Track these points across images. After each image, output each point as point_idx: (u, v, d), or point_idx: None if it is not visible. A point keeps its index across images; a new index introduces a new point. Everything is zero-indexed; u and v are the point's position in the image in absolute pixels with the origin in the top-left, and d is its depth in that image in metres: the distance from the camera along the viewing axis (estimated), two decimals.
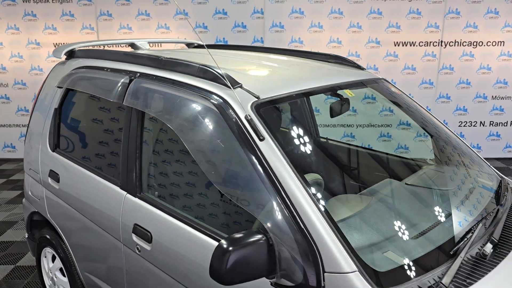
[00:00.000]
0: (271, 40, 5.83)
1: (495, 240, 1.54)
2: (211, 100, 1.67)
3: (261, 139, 1.52)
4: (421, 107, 2.47)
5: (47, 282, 2.93)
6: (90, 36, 5.87)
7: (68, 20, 5.84)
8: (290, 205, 1.39)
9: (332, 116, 2.26)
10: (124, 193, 2.05)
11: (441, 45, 5.89)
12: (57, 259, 2.73)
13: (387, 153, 2.67)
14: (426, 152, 2.46)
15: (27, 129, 2.87)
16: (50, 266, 2.84)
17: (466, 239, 1.50)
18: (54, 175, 2.54)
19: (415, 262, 1.40)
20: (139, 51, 2.56)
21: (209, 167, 1.57)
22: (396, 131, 5.53)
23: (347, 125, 5.74)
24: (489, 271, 1.40)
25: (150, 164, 2.08)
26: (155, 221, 1.86)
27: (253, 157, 1.50)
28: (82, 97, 2.51)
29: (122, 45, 5.29)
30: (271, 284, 1.42)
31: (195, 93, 1.74)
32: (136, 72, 2.07)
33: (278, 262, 1.36)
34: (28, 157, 2.84)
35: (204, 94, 1.71)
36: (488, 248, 1.50)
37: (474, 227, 1.58)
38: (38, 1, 5.79)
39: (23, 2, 5.80)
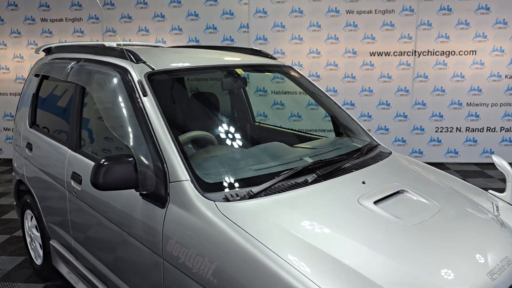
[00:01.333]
0: None
1: (319, 174, 2.00)
2: (118, 71, 2.25)
3: (145, 95, 2.08)
4: (321, 90, 2.95)
5: (28, 240, 3.54)
6: None
7: (79, 36, 6.66)
8: (153, 138, 1.93)
9: (223, 89, 2.80)
10: (69, 150, 2.64)
11: (415, 55, 6.30)
12: (33, 218, 3.34)
13: (303, 132, 3.16)
14: (325, 123, 2.92)
15: (15, 115, 3.54)
16: (29, 225, 3.45)
17: (292, 170, 1.97)
18: (29, 146, 3.17)
19: (241, 180, 1.90)
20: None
21: (107, 115, 2.14)
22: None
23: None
24: (294, 189, 1.87)
25: (86, 126, 2.67)
26: (83, 166, 2.43)
27: (137, 107, 2.05)
28: (51, 83, 3.15)
29: None
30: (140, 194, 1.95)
31: (111, 68, 2.33)
32: (82, 58, 2.69)
33: (140, 177, 1.88)
34: (15, 136, 3.50)
35: (117, 68, 2.29)
36: (310, 178, 1.96)
37: (307, 166, 2.05)
38: (54, 20, 6.65)
39: (41, 21, 6.67)
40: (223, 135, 2.52)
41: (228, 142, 2.47)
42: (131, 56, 2.27)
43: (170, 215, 1.82)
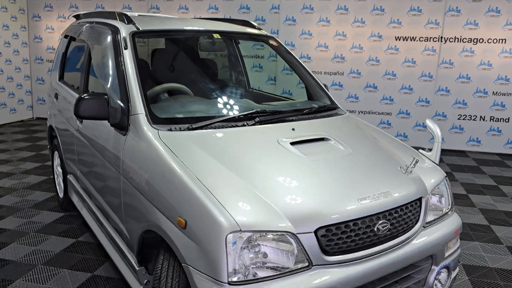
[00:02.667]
0: (284, 32, 6.75)
1: (258, 120, 2.38)
2: (112, 30, 2.75)
3: (125, 48, 2.56)
4: (295, 58, 3.27)
5: (55, 176, 4.22)
6: None
7: (126, 11, 7.33)
8: (125, 81, 2.41)
9: (200, 50, 3.21)
10: (78, 95, 3.20)
11: (441, 41, 6.33)
12: (58, 158, 3.99)
13: (288, 98, 3.50)
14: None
15: (50, 72, 4.20)
16: (56, 164, 4.12)
17: (241, 116, 2.37)
18: (56, 96, 3.80)
19: (189, 118, 2.33)
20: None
21: (96, 63, 2.65)
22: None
23: None
24: (237, 127, 2.27)
25: (91, 74, 3.21)
26: None
27: (119, 57, 2.54)
28: (74, 43, 3.75)
29: None
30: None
31: (108, 27, 2.84)
32: (94, 21, 3.24)
33: (111, 110, 2.37)
34: (48, 90, 4.16)
35: (111, 27, 2.80)
36: (250, 122, 2.35)
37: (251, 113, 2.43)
38: None
39: None
40: (199, 90, 2.96)
41: (201, 95, 2.91)
42: (124, 18, 2.76)
43: (128, 140, 2.30)
